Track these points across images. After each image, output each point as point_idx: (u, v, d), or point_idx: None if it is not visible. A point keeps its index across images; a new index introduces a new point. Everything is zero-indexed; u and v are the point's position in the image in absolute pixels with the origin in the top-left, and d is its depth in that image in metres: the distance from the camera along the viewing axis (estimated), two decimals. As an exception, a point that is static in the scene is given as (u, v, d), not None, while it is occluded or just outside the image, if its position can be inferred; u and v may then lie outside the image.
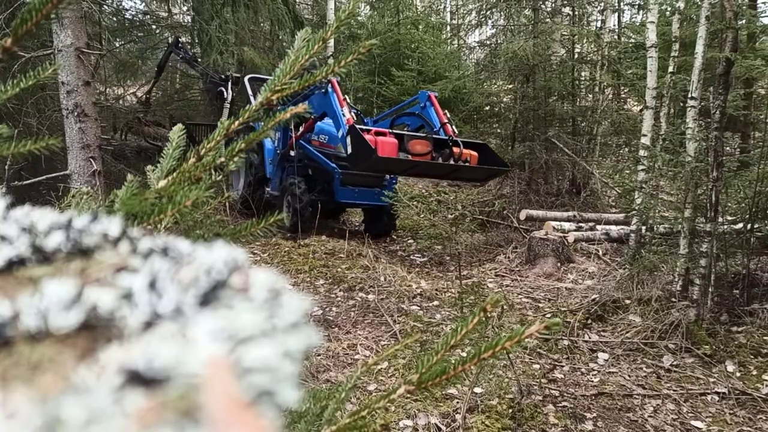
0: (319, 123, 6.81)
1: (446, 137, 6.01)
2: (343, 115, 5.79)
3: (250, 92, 7.68)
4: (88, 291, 0.26)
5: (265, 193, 7.53)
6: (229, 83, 8.18)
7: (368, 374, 3.37)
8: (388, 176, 7.01)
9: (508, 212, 7.40)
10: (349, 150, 5.60)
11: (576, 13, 9.54)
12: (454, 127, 6.23)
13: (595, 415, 3.17)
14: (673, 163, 5.08)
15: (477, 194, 5.78)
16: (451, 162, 5.82)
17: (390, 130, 6.00)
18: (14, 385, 0.21)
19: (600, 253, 6.17)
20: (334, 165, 6.67)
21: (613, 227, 6.67)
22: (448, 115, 6.37)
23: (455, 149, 5.86)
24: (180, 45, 8.60)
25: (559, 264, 5.82)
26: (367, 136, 5.54)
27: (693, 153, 4.60)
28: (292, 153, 7.06)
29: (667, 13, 7.92)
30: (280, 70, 0.79)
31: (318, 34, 0.81)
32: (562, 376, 3.63)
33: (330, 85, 6.00)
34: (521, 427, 3.01)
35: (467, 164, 5.86)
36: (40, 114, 6.22)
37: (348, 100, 5.95)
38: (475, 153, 5.98)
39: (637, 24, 11.14)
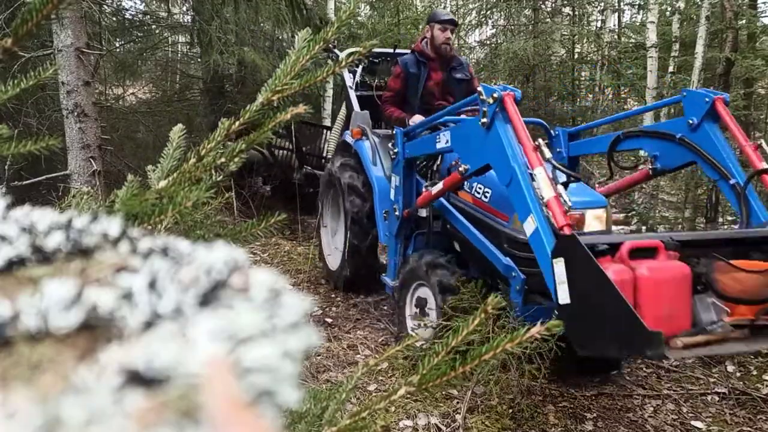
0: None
1: None
2: (543, 203, 2.51)
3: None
4: (88, 291, 0.26)
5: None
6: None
7: (369, 374, 3.37)
8: None
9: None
10: (563, 297, 2.28)
11: (576, 13, 9.54)
12: None
13: (595, 415, 3.17)
14: (674, 163, 5.07)
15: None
16: None
17: (658, 238, 2.41)
18: (14, 385, 0.21)
19: (600, 253, 6.16)
20: (506, 260, 3.14)
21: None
22: (763, 144, 2.94)
23: None
24: None
25: (559, 264, 5.80)
26: (612, 268, 2.19)
27: (693, 153, 4.59)
28: (424, 213, 3.83)
29: (667, 13, 7.92)
30: (281, 71, 0.79)
31: (318, 34, 0.81)
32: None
33: (502, 110, 2.81)
34: (521, 427, 3.01)
35: None
36: (40, 114, 6.21)
37: (543, 146, 2.65)
38: None
39: (637, 24, 11.15)
